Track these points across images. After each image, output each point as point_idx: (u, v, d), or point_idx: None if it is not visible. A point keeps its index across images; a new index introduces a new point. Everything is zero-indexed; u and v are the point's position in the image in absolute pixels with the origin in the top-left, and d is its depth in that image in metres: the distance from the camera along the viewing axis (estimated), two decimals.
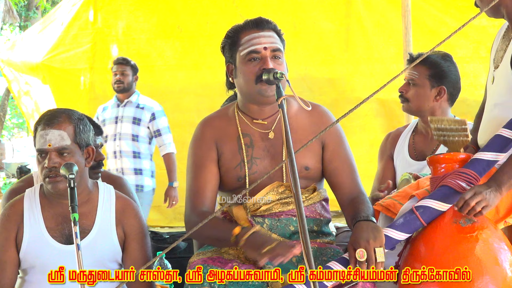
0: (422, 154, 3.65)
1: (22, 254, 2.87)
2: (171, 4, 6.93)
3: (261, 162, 2.84)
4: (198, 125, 2.94)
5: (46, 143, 2.81)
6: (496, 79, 2.83)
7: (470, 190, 2.57)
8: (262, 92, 2.76)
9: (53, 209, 2.89)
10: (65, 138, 2.83)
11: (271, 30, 2.82)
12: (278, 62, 2.78)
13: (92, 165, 3.03)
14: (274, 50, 2.78)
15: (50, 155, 2.81)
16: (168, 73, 7.03)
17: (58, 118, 2.85)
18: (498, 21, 2.88)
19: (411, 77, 3.59)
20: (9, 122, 20.07)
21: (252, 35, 2.80)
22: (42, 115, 2.91)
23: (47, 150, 2.81)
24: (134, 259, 2.91)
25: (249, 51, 2.78)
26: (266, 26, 2.81)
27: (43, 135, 2.82)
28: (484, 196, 2.55)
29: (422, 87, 3.58)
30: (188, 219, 2.83)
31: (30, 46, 7.02)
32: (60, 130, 2.83)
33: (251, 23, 2.82)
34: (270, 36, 2.80)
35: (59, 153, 2.81)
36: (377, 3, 6.81)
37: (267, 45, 2.78)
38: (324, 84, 6.90)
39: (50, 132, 2.82)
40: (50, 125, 2.83)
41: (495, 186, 2.58)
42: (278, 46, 2.79)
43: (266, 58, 2.76)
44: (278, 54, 2.79)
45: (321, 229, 2.88)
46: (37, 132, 2.85)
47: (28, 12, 15.92)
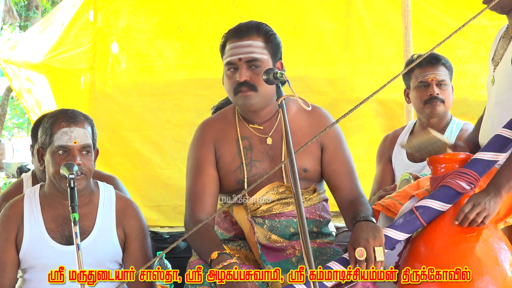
0: None
1: (22, 255, 2.87)
2: (171, 4, 6.91)
3: (260, 164, 2.83)
4: (197, 128, 2.95)
5: (71, 140, 2.79)
6: (496, 78, 2.83)
7: (469, 202, 2.57)
8: (242, 102, 2.77)
9: (53, 210, 2.89)
10: (88, 136, 2.83)
11: (252, 37, 2.77)
12: (255, 71, 2.74)
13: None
14: (249, 61, 2.75)
15: (73, 153, 2.79)
16: (168, 73, 7.02)
17: (79, 117, 2.84)
18: (498, 21, 2.89)
19: (442, 78, 3.64)
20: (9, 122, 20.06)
21: (231, 44, 2.79)
22: (57, 114, 2.87)
23: (71, 147, 2.79)
24: (135, 259, 2.91)
25: (226, 62, 2.79)
26: (246, 34, 2.78)
27: (67, 131, 2.79)
28: (483, 206, 2.55)
29: (449, 87, 3.70)
30: (186, 223, 2.84)
31: (31, 47, 7.02)
32: (84, 128, 2.83)
33: (232, 32, 2.81)
34: (248, 45, 2.76)
35: (82, 151, 2.80)
36: (377, 3, 6.79)
37: (242, 56, 2.75)
38: (324, 84, 6.89)
39: (75, 129, 2.80)
40: (74, 123, 2.81)
41: (494, 191, 2.58)
42: (255, 56, 2.75)
43: (241, 70, 2.75)
44: (255, 64, 2.75)
45: (321, 230, 2.88)
46: (56, 129, 2.81)
47: (28, 12, 15.92)
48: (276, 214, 2.80)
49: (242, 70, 2.74)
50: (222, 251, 2.64)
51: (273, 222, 2.80)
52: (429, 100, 3.62)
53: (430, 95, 3.62)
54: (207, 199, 2.83)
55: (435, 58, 3.62)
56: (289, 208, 2.80)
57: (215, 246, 2.67)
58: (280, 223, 2.80)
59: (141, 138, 6.62)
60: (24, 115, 18.90)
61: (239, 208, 2.83)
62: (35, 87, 7.02)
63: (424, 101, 3.64)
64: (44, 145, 2.86)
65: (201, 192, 2.83)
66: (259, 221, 2.80)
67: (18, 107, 19.00)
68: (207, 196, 2.84)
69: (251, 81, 2.74)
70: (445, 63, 3.67)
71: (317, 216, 2.86)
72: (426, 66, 3.60)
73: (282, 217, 2.81)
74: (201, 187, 2.84)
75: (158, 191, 6.44)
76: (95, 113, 6.08)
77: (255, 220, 2.80)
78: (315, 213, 2.86)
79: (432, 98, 3.62)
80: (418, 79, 3.66)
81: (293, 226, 2.80)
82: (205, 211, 2.81)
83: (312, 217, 2.85)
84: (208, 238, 2.73)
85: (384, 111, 6.79)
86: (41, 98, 6.96)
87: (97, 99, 6.73)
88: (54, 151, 2.81)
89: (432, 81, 3.63)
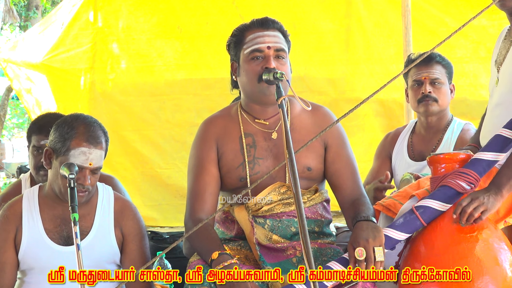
0: (421, 155, 3.65)
1: (21, 256, 2.87)
2: (171, 4, 6.92)
3: (263, 162, 2.83)
4: (200, 125, 2.94)
5: (87, 161, 2.80)
6: (500, 80, 2.83)
7: (467, 197, 2.57)
8: (264, 91, 2.76)
9: (52, 211, 2.89)
10: (102, 157, 2.86)
11: (277, 30, 2.82)
12: (281, 62, 2.77)
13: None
14: (278, 50, 2.78)
15: (85, 173, 2.80)
16: (168, 73, 7.02)
17: (100, 137, 2.84)
18: (498, 21, 2.89)
19: (435, 76, 3.60)
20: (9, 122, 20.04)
21: (257, 33, 2.80)
22: (79, 127, 2.83)
23: (85, 168, 2.80)
24: (133, 260, 2.91)
25: (252, 49, 2.78)
26: (272, 26, 2.81)
27: (86, 152, 2.79)
28: (481, 201, 2.54)
29: (445, 85, 3.64)
30: (186, 222, 2.84)
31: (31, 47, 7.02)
32: (101, 150, 2.84)
33: (256, 22, 2.83)
34: (274, 35, 2.79)
35: (93, 172, 2.82)
36: (377, 3, 6.79)
37: (271, 44, 2.77)
38: (324, 84, 6.89)
39: (93, 152, 2.81)
40: (94, 145, 2.81)
41: (494, 190, 2.58)
42: (282, 46, 2.79)
43: (269, 57, 2.76)
44: (282, 54, 2.78)
45: (322, 230, 2.87)
46: (75, 145, 2.79)
47: (28, 12, 15.90)
48: (278, 214, 2.80)
49: (271, 58, 2.75)
50: (223, 251, 2.64)
51: (274, 222, 2.80)
52: (422, 99, 3.61)
53: (422, 94, 3.60)
54: (208, 198, 2.83)
55: (428, 56, 3.59)
56: (290, 208, 2.80)
57: (216, 246, 2.67)
58: (282, 222, 2.80)
59: (141, 138, 6.63)
60: (24, 115, 18.89)
61: (240, 208, 2.83)
62: (35, 86, 7.03)
63: (417, 100, 3.63)
64: (55, 151, 2.84)
65: (202, 191, 2.83)
66: (260, 221, 2.80)
67: (18, 107, 18.99)
68: (208, 194, 2.84)
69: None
70: (441, 61, 3.63)
71: (318, 216, 2.86)
72: (420, 64, 3.57)
73: (283, 216, 2.81)
74: (202, 186, 2.84)
75: (158, 191, 6.45)
76: (95, 113, 6.08)
77: (256, 220, 2.80)
78: (316, 212, 2.86)
79: (425, 96, 3.60)
80: (412, 77, 3.65)
81: (294, 225, 2.80)
82: (205, 210, 2.81)
83: (313, 216, 2.85)
84: (208, 238, 2.73)
85: (384, 111, 6.79)
86: (42, 98, 6.96)
87: (97, 99, 6.73)
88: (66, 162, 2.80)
89: (426, 80, 3.61)
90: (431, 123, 3.67)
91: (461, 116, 3.99)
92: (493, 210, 2.58)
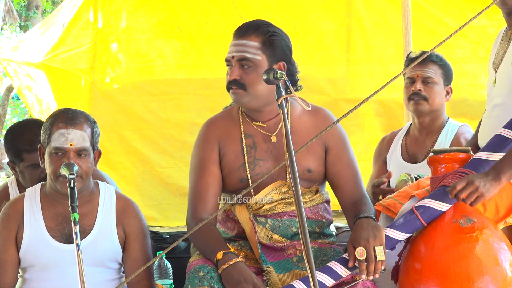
0: (414, 157, 3.64)
1: (22, 254, 2.87)
2: (171, 4, 6.92)
3: (264, 163, 2.83)
4: (202, 126, 2.95)
5: (67, 142, 2.78)
6: (497, 81, 2.84)
7: (463, 179, 2.54)
8: (233, 99, 2.80)
9: (53, 209, 2.89)
10: (85, 139, 2.82)
11: (250, 36, 2.78)
12: (246, 71, 2.76)
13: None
14: (240, 60, 2.77)
15: (69, 155, 2.78)
16: (168, 73, 7.02)
17: (79, 118, 2.82)
18: (498, 21, 2.89)
19: (428, 75, 3.56)
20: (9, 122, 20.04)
21: (231, 42, 2.82)
22: (58, 114, 2.86)
23: (67, 149, 2.78)
24: (135, 259, 2.92)
25: (225, 58, 2.82)
26: (244, 33, 2.79)
27: (64, 133, 2.78)
28: (476, 185, 2.50)
29: (439, 85, 3.58)
30: (189, 223, 2.84)
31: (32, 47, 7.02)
32: (82, 131, 2.81)
33: (236, 30, 2.84)
34: (241, 44, 2.78)
35: (78, 153, 2.79)
36: (377, 3, 6.79)
37: (235, 54, 2.78)
38: (324, 84, 6.89)
39: (72, 131, 2.79)
40: (72, 125, 2.80)
41: (493, 175, 2.54)
42: (246, 56, 2.76)
43: (233, 68, 2.78)
44: (246, 63, 2.76)
45: (322, 230, 2.88)
46: (54, 130, 2.80)
47: (28, 12, 15.90)
48: (279, 213, 2.81)
49: (234, 68, 2.77)
50: (227, 250, 2.64)
51: (275, 221, 2.80)
52: (411, 96, 3.59)
53: (412, 91, 3.58)
54: (209, 198, 2.84)
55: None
56: (292, 208, 2.81)
57: (220, 246, 2.67)
58: (283, 222, 2.80)
59: (141, 138, 6.62)
60: (25, 115, 18.88)
61: (241, 208, 2.83)
62: (35, 84, 7.03)
63: (408, 97, 3.61)
64: (44, 144, 2.86)
65: (204, 191, 2.84)
66: (261, 220, 2.80)
67: (18, 107, 18.99)
68: (210, 195, 2.84)
69: (240, 80, 2.76)
70: (437, 61, 3.58)
71: (319, 217, 2.86)
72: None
73: (284, 216, 2.81)
74: (204, 186, 2.84)
75: (158, 190, 6.44)
76: (95, 113, 6.07)
77: (257, 219, 2.80)
78: (317, 213, 2.86)
79: (414, 94, 3.57)
80: (406, 75, 3.63)
81: (295, 225, 2.80)
82: (207, 210, 2.82)
83: (314, 217, 2.85)
84: (212, 238, 2.73)
85: (384, 111, 6.79)
86: (42, 96, 6.96)
87: (97, 99, 6.74)
88: (51, 151, 2.81)
89: (418, 78, 3.57)
90: (423, 123, 3.64)
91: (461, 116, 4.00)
92: (487, 196, 2.54)
